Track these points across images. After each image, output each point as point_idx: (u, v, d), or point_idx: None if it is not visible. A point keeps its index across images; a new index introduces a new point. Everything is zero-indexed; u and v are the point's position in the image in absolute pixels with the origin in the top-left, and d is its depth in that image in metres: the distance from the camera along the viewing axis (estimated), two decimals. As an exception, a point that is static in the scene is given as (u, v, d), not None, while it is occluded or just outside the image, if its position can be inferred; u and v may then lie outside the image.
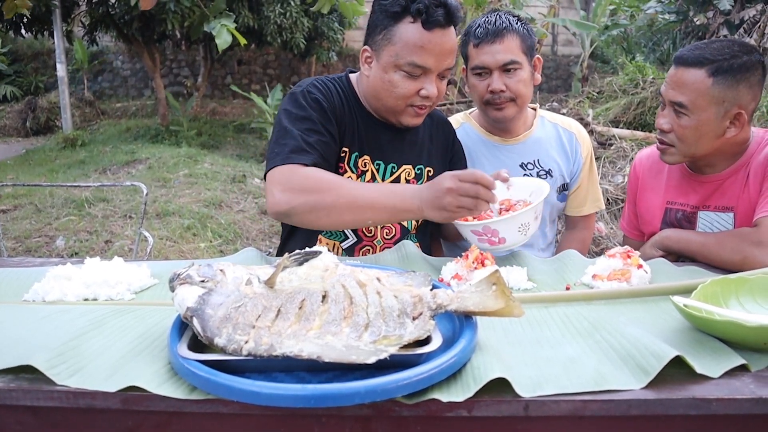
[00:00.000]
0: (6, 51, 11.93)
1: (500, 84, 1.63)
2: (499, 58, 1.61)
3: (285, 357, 0.71)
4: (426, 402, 0.72)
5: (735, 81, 1.35)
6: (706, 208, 1.52)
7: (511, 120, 1.72)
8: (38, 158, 7.91)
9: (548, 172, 1.76)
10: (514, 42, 1.62)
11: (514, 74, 1.63)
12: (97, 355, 0.81)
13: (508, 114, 1.68)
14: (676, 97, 1.41)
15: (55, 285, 1.08)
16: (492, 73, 1.63)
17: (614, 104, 6.11)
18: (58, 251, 4.31)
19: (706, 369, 0.78)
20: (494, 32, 1.62)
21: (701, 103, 1.37)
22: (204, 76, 10.67)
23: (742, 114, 1.38)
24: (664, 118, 1.46)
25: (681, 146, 1.45)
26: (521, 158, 1.76)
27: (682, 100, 1.39)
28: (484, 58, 1.63)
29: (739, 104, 1.37)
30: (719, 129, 1.40)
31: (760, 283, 1.00)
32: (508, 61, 1.61)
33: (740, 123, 1.39)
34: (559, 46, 13.28)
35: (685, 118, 1.41)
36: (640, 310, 1.01)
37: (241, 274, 0.89)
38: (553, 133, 1.81)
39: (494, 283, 0.88)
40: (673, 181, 1.60)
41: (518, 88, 1.64)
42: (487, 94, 1.66)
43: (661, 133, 1.48)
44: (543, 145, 1.78)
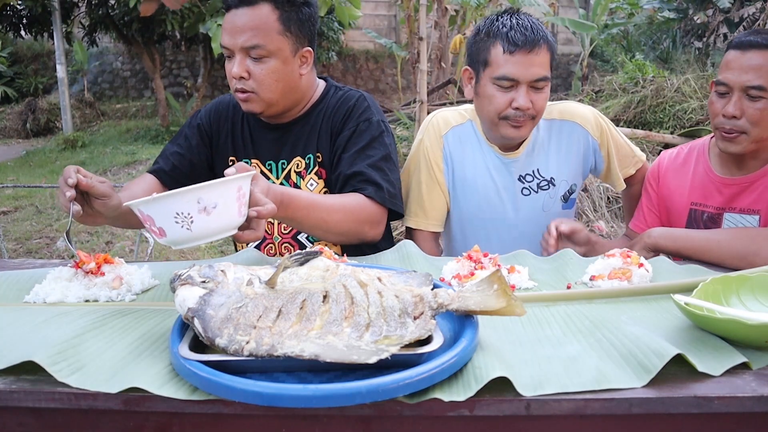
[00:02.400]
0: (6, 53, 11.92)
1: (527, 101, 1.46)
2: (533, 72, 1.45)
3: (286, 357, 0.71)
4: (427, 402, 0.72)
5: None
6: (732, 210, 1.51)
7: (523, 138, 1.59)
8: (38, 160, 7.92)
9: (550, 182, 1.64)
10: (547, 56, 1.47)
11: (542, 92, 1.49)
12: (98, 355, 0.81)
13: (524, 133, 1.53)
14: (753, 81, 1.36)
15: (56, 286, 1.08)
16: (519, 87, 1.46)
17: (614, 103, 6.10)
18: (59, 252, 4.32)
19: (708, 367, 0.78)
20: (533, 41, 1.44)
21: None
22: (204, 76, 10.66)
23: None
24: (732, 105, 1.39)
25: (755, 131, 1.39)
26: (519, 171, 1.64)
27: (762, 83, 1.36)
28: (516, 69, 1.44)
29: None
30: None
31: (762, 281, 1.00)
32: (541, 77, 1.46)
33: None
34: (559, 45, 13.25)
35: (763, 101, 1.37)
36: (641, 309, 1.01)
37: (242, 274, 0.89)
38: (553, 134, 1.65)
39: (495, 282, 0.88)
40: (698, 182, 1.57)
41: (541, 107, 1.50)
42: (508, 109, 1.48)
43: (729, 120, 1.40)
44: (542, 152, 1.64)
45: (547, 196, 1.65)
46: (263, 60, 1.40)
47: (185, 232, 0.99)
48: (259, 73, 1.40)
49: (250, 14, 1.37)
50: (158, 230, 1.00)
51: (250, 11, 1.37)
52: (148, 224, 1.02)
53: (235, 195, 1.02)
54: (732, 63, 1.40)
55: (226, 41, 1.40)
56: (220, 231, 1.03)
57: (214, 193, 0.98)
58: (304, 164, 1.54)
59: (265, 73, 1.40)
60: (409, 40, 5.85)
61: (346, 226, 1.37)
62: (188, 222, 0.98)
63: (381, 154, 1.47)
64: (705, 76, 6.06)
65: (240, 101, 1.45)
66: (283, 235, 1.56)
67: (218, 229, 1.02)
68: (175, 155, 1.56)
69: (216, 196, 0.99)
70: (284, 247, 1.57)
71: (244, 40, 1.37)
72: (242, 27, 1.37)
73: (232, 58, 1.41)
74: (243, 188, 1.05)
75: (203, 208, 0.98)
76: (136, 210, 1.01)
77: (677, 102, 5.64)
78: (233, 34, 1.38)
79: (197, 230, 0.99)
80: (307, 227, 1.36)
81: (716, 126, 1.45)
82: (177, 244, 1.02)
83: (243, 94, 1.43)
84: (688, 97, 5.63)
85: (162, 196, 0.97)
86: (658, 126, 5.64)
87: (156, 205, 0.98)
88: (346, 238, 1.41)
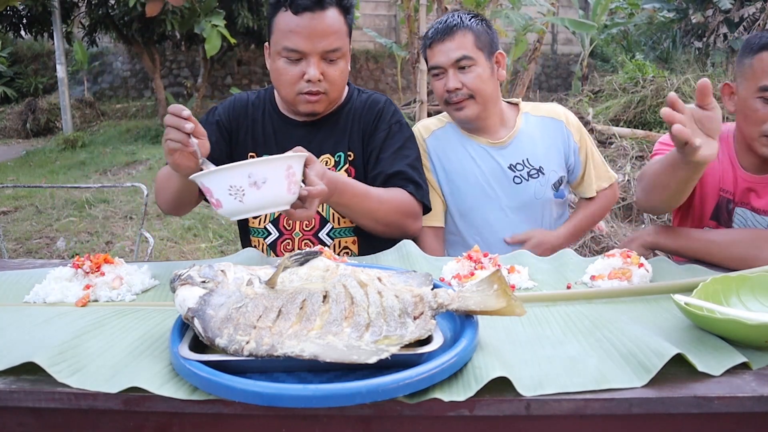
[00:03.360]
0: (6, 53, 11.93)
1: (455, 82, 1.61)
2: (451, 56, 1.60)
3: (286, 357, 0.71)
4: (427, 402, 0.72)
5: None
6: (744, 206, 1.48)
7: (477, 119, 1.67)
8: (38, 160, 7.92)
9: (539, 170, 1.72)
10: (466, 38, 1.61)
11: (469, 70, 1.61)
12: (98, 355, 0.81)
13: (469, 113, 1.65)
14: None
15: (56, 286, 1.08)
16: (447, 72, 1.62)
17: (614, 103, 6.11)
18: (59, 252, 4.32)
19: (708, 367, 0.78)
20: (444, 30, 1.61)
21: None
22: (204, 76, 10.67)
23: None
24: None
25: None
26: (509, 160, 1.71)
27: None
28: (437, 57, 1.63)
29: None
30: None
31: (762, 281, 1.00)
32: (459, 56, 1.60)
33: None
34: (559, 45, 13.28)
35: None
36: (641, 309, 1.01)
37: (242, 274, 0.89)
38: (540, 128, 1.75)
39: (495, 282, 0.88)
40: (719, 163, 1.50)
41: (475, 85, 1.61)
42: (445, 94, 1.64)
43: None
44: (530, 142, 1.73)
45: (538, 184, 1.72)
46: (337, 62, 1.46)
47: (238, 204, 1.06)
48: (333, 75, 1.46)
49: (325, 18, 1.41)
50: (216, 201, 1.09)
51: (324, 15, 1.41)
52: (208, 195, 1.10)
53: (284, 172, 1.08)
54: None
55: (301, 45, 1.41)
56: (270, 205, 1.10)
57: (264, 169, 1.05)
58: (333, 162, 1.56)
59: (338, 74, 1.47)
60: (409, 40, 5.86)
61: (392, 218, 1.45)
62: (240, 195, 1.05)
63: (415, 155, 1.58)
64: (705, 76, 6.06)
65: (306, 103, 1.47)
66: (304, 231, 1.56)
67: (268, 203, 1.09)
68: None
69: (265, 172, 1.06)
70: (304, 243, 1.56)
71: (326, 44, 1.41)
72: (322, 31, 1.40)
73: (299, 61, 1.43)
74: (293, 167, 1.10)
75: (254, 183, 1.05)
76: (199, 182, 1.10)
77: (677, 102, 5.64)
78: (311, 38, 1.40)
79: (248, 203, 1.06)
80: (357, 215, 1.43)
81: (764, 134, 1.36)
82: (232, 215, 1.09)
83: (314, 96, 1.46)
84: (688, 97, 5.64)
85: (218, 170, 1.05)
86: (658, 126, 5.64)
87: (213, 178, 1.06)
88: (390, 230, 1.47)
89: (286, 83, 1.47)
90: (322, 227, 1.56)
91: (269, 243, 1.58)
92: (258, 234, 1.59)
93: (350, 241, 1.57)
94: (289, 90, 1.47)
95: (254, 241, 1.61)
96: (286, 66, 1.45)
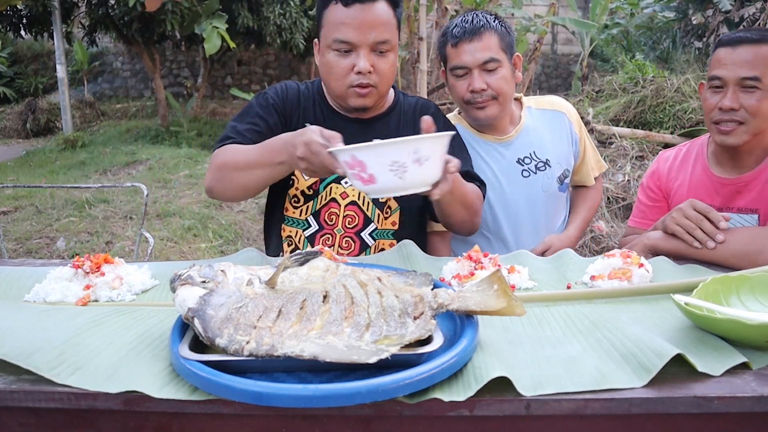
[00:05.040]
0: (6, 53, 11.93)
1: (481, 83, 1.61)
2: (478, 57, 1.60)
3: (286, 357, 0.72)
4: (427, 402, 0.72)
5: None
6: (729, 210, 1.53)
7: (495, 119, 1.70)
8: (38, 160, 7.92)
9: (546, 163, 1.75)
10: (492, 40, 1.62)
11: (495, 72, 1.62)
12: (97, 354, 0.81)
13: (490, 113, 1.66)
14: (748, 73, 1.41)
15: (56, 286, 1.08)
16: (472, 73, 1.62)
17: (614, 103, 6.10)
18: (59, 252, 4.32)
19: (708, 367, 0.78)
20: (471, 31, 1.61)
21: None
22: (204, 76, 10.67)
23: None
24: (729, 98, 1.44)
25: (753, 122, 1.44)
26: (516, 154, 1.75)
27: (757, 73, 1.41)
28: (463, 57, 1.62)
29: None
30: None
31: (761, 281, 1.00)
32: (487, 59, 1.60)
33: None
34: (559, 45, 13.28)
35: (758, 92, 1.42)
36: (641, 309, 1.01)
37: (242, 274, 0.89)
38: (543, 120, 1.79)
39: (496, 282, 0.88)
40: (696, 181, 1.61)
41: (500, 86, 1.63)
42: (467, 94, 1.64)
43: (728, 113, 1.45)
44: (535, 135, 1.76)
45: (545, 177, 1.76)
46: (386, 54, 1.45)
47: (396, 181, 1.02)
48: (383, 67, 1.45)
49: (375, 9, 1.41)
50: (368, 176, 1.03)
51: (374, 6, 1.41)
52: (356, 170, 1.03)
53: (443, 150, 1.07)
54: (724, 59, 1.44)
55: (351, 36, 1.40)
56: (424, 183, 1.07)
57: (430, 146, 1.02)
58: None
59: (388, 66, 1.46)
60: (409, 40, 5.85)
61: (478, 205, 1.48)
62: (402, 171, 1.01)
63: (470, 157, 1.62)
64: (705, 76, 6.06)
65: (357, 96, 1.46)
66: (346, 228, 1.54)
67: (424, 181, 1.06)
68: (251, 132, 1.49)
69: (431, 149, 1.02)
70: (344, 240, 1.54)
71: (376, 35, 1.40)
72: (372, 22, 1.40)
73: (349, 53, 1.42)
74: (446, 146, 1.09)
75: (417, 159, 1.01)
76: (347, 155, 1.03)
77: (677, 102, 5.65)
78: (361, 29, 1.40)
79: (407, 180, 1.02)
80: (460, 205, 1.42)
81: (713, 120, 1.48)
82: (382, 192, 1.06)
83: (365, 89, 1.45)
84: (688, 97, 5.64)
85: (383, 143, 1.01)
86: (658, 126, 5.64)
87: (374, 152, 1.01)
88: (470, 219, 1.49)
89: (336, 76, 1.45)
90: (366, 227, 1.54)
91: (308, 235, 1.55)
92: (295, 224, 1.56)
93: (388, 244, 1.55)
94: (340, 83, 1.46)
95: (287, 230, 1.57)
96: (337, 59, 1.44)
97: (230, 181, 1.38)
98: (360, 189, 1.07)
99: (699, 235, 1.35)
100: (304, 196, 1.54)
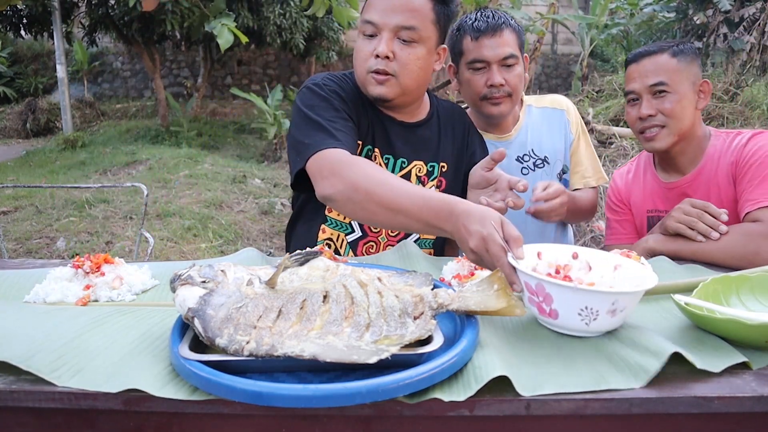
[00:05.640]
0: (6, 53, 11.93)
1: (500, 78, 1.63)
2: (499, 52, 1.62)
3: (286, 357, 0.71)
4: (427, 401, 0.72)
5: (690, 58, 1.55)
6: None
7: (504, 116, 1.72)
8: (38, 160, 7.92)
9: (544, 160, 1.78)
10: (511, 37, 1.64)
11: (512, 69, 1.65)
12: (97, 355, 0.81)
13: (504, 110, 1.68)
14: (654, 80, 1.53)
15: (56, 286, 1.08)
16: (491, 67, 1.63)
17: (614, 103, 6.11)
18: (59, 252, 4.32)
19: (707, 364, 0.78)
20: (494, 26, 1.63)
21: (676, 79, 1.53)
22: (204, 76, 10.67)
23: (706, 83, 1.57)
24: (645, 108, 1.54)
25: (672, 123, 1.53)
26: (516, 152, 1.77)
27: (663, 79, 1.53)
28: (484, 51, 1.63)
29: (698, 78, 1.57)
30: (693, 100, 1.55)
31: (761, 281, 1.01)
32: (507, 54, 1.63)
33: (705, 93, 1.57)
34: (559, 45, 13.28)
35: (668, 96, 1.53)
36: (641, 309, 1.01)
37: (242, 274, 0.89)
38: (543, 118, 1.81)
39: (496, 282, 0.88)
40: (649, 190, 1.68)
41: (515, 83, 1.65)
42: (485, 89, 1.65)
43: (647, 120, 1.55)
44: (534, 133, 1.79)
45: (544, 174, 1.78)
46: (412, 44, 1.36)
47: (581, 326, 0.89)
48: (406, 57, 1.36)
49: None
50: (549, 311, 0.91)
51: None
52: (538, 298, 0.91)
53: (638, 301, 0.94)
54: (632, 74, 1.58)
55: (375, 17, 1.35)
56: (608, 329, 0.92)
57: (630, 299, 0.90)
58: (426, 170, 1.51)
59: (412, 57, 1.37)
60: (409, 40, 5.86)
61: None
62: (591, 318, 0.88)
63: None
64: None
65: (372, 83, 1.39)
66: (389, 237, 1.51)
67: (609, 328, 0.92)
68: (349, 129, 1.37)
69: (629, 302, 0.90)
70: (388, 247, 1.49)
71: (400, 20, 1.34)
72: (400, 6, 1.34)
73: (374, 37, 1.37)
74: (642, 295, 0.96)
75: (613, 310, 0.88)
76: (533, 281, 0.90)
77: (677, 102, 5.64)
78: (387, 11, 1.34)
79: (593, 327, 0.89)
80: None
81: (638, 131, 1.59)
82: (558, 328, 0.93)
83: (381, 76, 1.37)
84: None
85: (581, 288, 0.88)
86: (658, 126, 5.63)
87: (568, 293, 0.88)
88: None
89: (359, 60, 1.40)
90: (408, 235, 1.50)
91: (350, 240, 1.49)
92: (338, 227, 1.49)
93: (427, 253, 1.51)
94: (361, 69, 1.40)
95: (328, 232, 1.49)
96: (362, 43, 1.39)
97: (372, 214, 1.19)
98: (536, 316, 0.96)
99: (701, 228, 1.37)
100: None
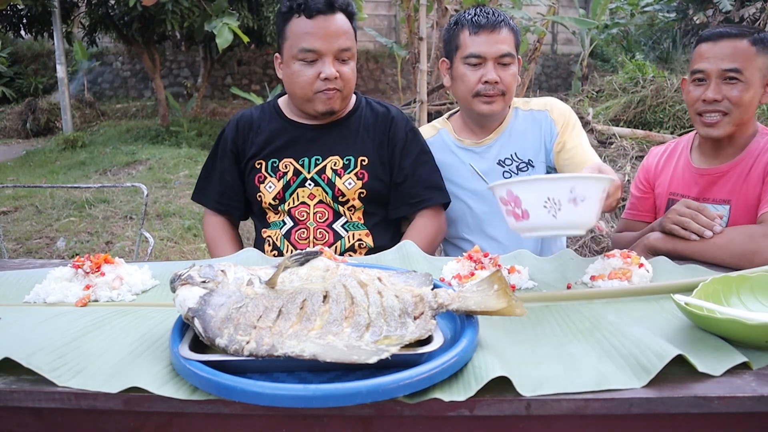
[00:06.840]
0: (6, 53, 11.92)
1: (495, 75, 1.62)
2: (497, 48, 1.61)
3: (286, 357, 0.71)
4: (427, 401, 0.72)
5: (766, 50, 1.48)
6: (704, 200, 1.57)
7: (495, 116, 1.71)
8: (38, 160, 7.92)
9: (528, 163, 1.73)
10: (509, 35, 1.64)
11: (508, 68, 1.64)
12: (98, 356, 0.81)
13: (495, 108, 1.66)
14: (729, 65, 1.47)
15: (56, 287, 1.08)
16: (486, 64, 1.62)
17: (614, 103, 6.11)
18: (59, 252, 4.31)
19: (708, 367, 0.78)
20: (494, 23, 1.62)
21: (750, 68, 1.47)
22: (204, 76, 10.67)
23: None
24: (712, 91, 1.49)
25: (736, 113, 1.49)
26: (497, 156, 1.75)
27: (738, 65, 1.47)
28: (482, 47, 1.62)
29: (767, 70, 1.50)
30: (759, 93, 1.50)
31: (762, 281, 1.00)
32: (505, 52, 1.62)
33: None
34: (559, 45, 13.28)
35: (739, 84, 1.48)
36: (641, 309, 1.01)
37: (242, 274, 0.89)
38: (528, 122, 1.76)
39: (496, 282, 0.88)
40: (678, 173, 1.67)
41: (510, 82, 1.65)
42: (479, 85, 1.63)
43: (712, 104, 1.50)
44: (518, 136, 1.75)
45: None
46: (348, 61, 1.55)
47: (549, 219, 0.98)
48: (347, 73, 1.55)
49: (336, 20, 1.52)
50: (522, 212, 1.00)
51: (334, 17, 1.52)
52: (510, 205, 1.02)
53: (600, 195, 1.02)
54: (706, 53, 1.51)
55: (317, 45, 1.50)
56: (578, 225, 1.01)
57: (587, 186, 0.98)
58: (342, 164, 1.61)
59: (351, 72, 1.56)
60: (409, 40, 5.87)
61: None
62: (556, 209, 0.96)
63: (431, 157, 1.70)
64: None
65: (325, 100, 1.54)
66: (318, 222, 1.60)
67: (578, 222, 1.00)
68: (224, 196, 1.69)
69: (588, 190, 0.98)
70: (318, 232, 1.60)
71: (339, 44, 1.51)
72: (336, 32, 1.51)
73: (315, 63, 1.52)
74: (606, 191, 1.04)
75: (573, 198, 0.96)
76: (503, 190, 1.02)
77: (677, 102, 5.65)
78: (327, 38, 1.50)
79: (561, 219, 0.97)
80: None
81: (697, 112, 1.54)
82: (534, 230, 1.01)
83: (334, 92, 1.54)
84: (688, 96, 5.63)
85: (538, 179, 1.00)
86: (658, 126, 5.64)
87: (529, 187, 0.98)
88: None
89: (302, 84, 1.53)
90: (336, 220, 1.61)
91: (284, 233, 1.61)
92: (274, 226, 1.63)
93: (363, 234, 1.61)
94: (306, 90, 1.54)
95: (269, 233, 1.64)
96: (302, 68, 1.52)
97: None
98: (513, 227, 1.04)
99: (694, 227, 1.37)
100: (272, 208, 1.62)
